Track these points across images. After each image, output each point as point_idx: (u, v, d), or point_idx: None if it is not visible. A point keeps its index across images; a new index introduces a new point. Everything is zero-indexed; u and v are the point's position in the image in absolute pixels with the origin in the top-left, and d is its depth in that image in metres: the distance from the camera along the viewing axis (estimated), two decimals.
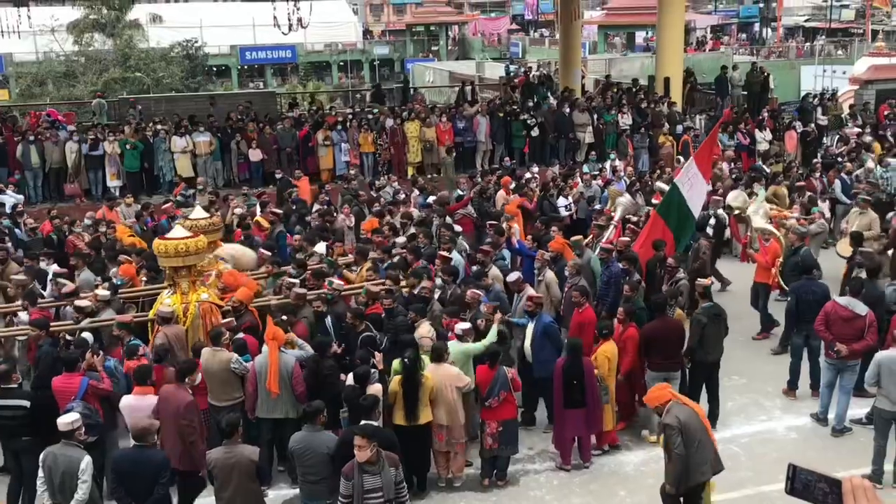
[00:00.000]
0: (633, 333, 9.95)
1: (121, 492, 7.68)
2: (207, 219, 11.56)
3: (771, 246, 12.97)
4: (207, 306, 10.36)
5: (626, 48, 55.66)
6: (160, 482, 7.56)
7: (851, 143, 20.79)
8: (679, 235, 12.51)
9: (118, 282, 11.73)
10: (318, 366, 9.31)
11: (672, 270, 11.56)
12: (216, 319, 10.30)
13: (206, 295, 10.48)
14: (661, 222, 12.42)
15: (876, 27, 54.90)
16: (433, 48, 66.04)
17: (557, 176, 18.14)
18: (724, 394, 10.67)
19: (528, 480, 9.65)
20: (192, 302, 10.32)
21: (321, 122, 21.42)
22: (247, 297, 10.60)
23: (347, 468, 7.15)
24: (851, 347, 9.85)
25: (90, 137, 19.52)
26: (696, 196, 12.62)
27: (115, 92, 35.38)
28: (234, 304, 10.50)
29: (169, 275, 10.69)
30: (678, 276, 11.47)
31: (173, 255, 10.27)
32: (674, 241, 12.31)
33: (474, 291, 10.66)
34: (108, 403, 9.02)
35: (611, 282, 11.56)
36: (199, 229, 11.00)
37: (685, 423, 7.52)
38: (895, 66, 28.64)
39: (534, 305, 10.35)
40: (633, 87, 25.86)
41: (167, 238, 10.52)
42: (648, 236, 12.40)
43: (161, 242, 10.45)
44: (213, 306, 10.43)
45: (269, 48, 55.62)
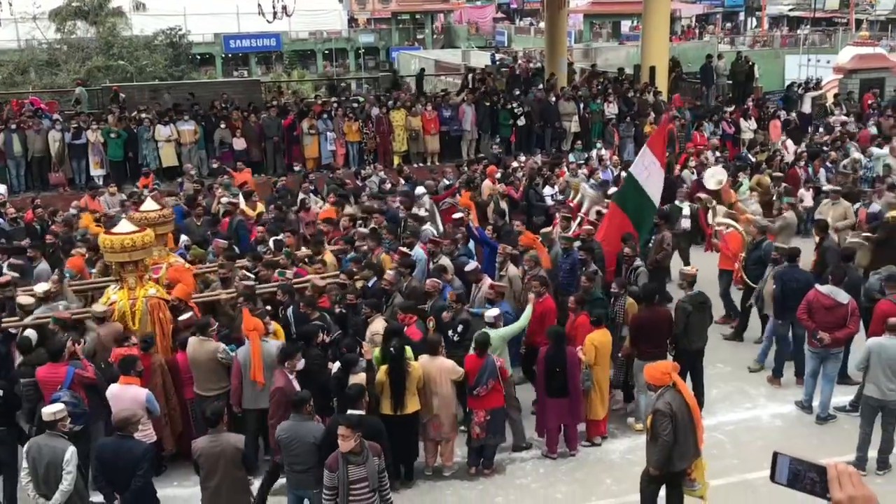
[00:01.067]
0: (583, 321, 9.91)
1: (102, 481, 7.67)
2: (158, 211, 11.25)
3: (731, 235, 12.89)
4: (156, 302, 10.09)
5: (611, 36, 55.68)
6: (138, 473, 7.52)
7: (836, 132, 20.89)
8: (639, 223, 12.44)
9: (67, 274, 11.60)
10: (304, 355, 9.28)
11: (630, 259, 11.58)
12: (165, 315, 10.09)
13: (153, 290, 10.22)
14: (620, 212, 12.36)
15: (860, 16, 55.09)
16: (419, 37, 65.89)
17: (543, 165, 18.15)
18: (708, 381, 10.73)
19: (514, 469, 9.68)
20: (140, 298, 10.06)
21: (306, 110, 21.34)
22: (184, 294, 10.33)
23: (331, 460, 7.13)
24: (834, 336, 9.92)
25: (73, 126, 19.39)
26: (654, 183, 12.50)
27: (97, 80, 35.08)
28: (174, 301, 10.23)
29: (115, 270, 10.38)
30: (636, 265, 11.51)
31: (119, 250, 9.93)
32: (634, 229, 12.25)
33: (434, 281, 10.67)
34: (94, 392, 8.97)
35: (573, 269, 11.57)
36: (149, 222, 10.80)
37: (676, 411, 7.56)
38: (879, 55, 28.73)
39: (495, 294, 10.35)
40: (619, 77, 25.87)
41: (113, 233, 10.20)
42: (608, 226, 12.37)
43: (107, 237, 10.13)
44: (162, 302, 10.17)
45: (253, 36, 55.33)
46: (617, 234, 12.09)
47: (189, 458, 8.17)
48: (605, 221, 12.72)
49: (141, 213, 11.20)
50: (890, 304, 10.00)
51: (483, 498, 9.10)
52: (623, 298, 10.45)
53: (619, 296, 10.51)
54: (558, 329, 9.62)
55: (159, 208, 11.39)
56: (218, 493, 7.71)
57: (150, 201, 11.63)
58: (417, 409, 9.10)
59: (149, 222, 10.80)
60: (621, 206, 12.40)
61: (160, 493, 8.16)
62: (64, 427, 7.70)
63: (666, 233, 13.14)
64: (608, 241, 12.14)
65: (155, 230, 10.79)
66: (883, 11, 60.01)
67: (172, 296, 10.30)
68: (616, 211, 12.44)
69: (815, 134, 21.92)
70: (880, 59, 28.13)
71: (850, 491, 2.17)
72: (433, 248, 12.07)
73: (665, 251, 13.02)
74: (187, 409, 9.75)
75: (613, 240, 12.08)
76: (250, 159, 20.36)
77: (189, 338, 9.60)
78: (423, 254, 12.16)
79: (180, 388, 9.67)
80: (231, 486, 7.71)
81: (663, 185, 12.98)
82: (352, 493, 7.05)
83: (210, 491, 7.73)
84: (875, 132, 20.92)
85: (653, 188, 12.46)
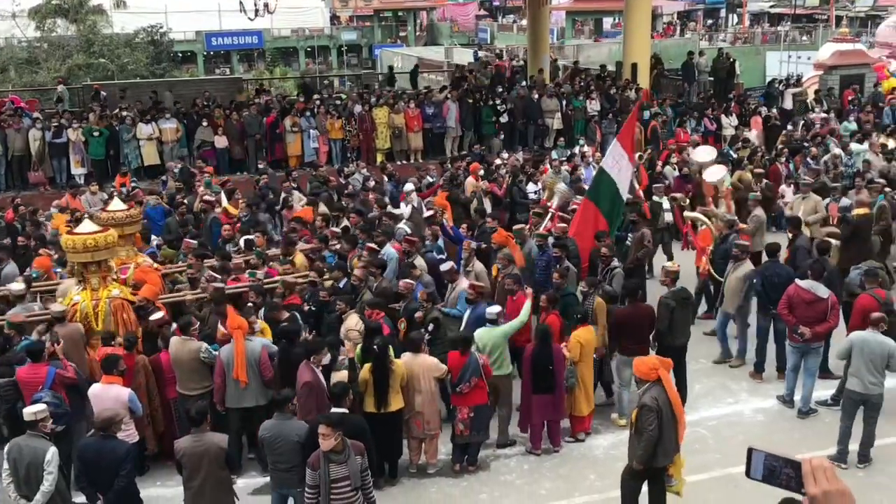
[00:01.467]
0: (553, 320, 9.91)
1: (84, 481, 7.64)
2: (125, 211, 11.12)
3: (703, 232, 12.90)
4: (119, 303, 9.99)
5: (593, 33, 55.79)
6: (121, 473, 7.49)
7: (816, 128, 21.01)
8: (611, 217, 12.43)
9: (34, 274, 11.50)
10: (286, 354, 9.27)
11: (607, 259, 11.54)
12: (129, 316, 9.98)
13: (117, 291, 10.11)
14: (593, 207, 12.32)
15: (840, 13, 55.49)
16: (401, 34, 65.79)
17: (526, 162, 18.17)
18: (691, 377, 10.79)
19: (498, 465, 9.70)
20: (103, 298, 9.95)
21: (289, 108, 21.28)
22: (151, 294, 10.23)
23: (313, 458, 7.12)
24: (815, 330, 9.99)
25: (54, 125, 19.25)
26: (623, 178, 12.49)
27: (78, 78, 34.86)
28: (140, 302, 10.13)
29: (78, 270, 10.29)
30: (613, 265, 11.48)
31: (82, 250, 9.83)
32: (607, 225, 12.26)
33: (407, 282, 10.64)
34: (76, 392, 8.92)
35: (548, 267, 11.52)
36: (116, 222, 10.72)
37: (662, 406, 7.61)
38: (859, 51, 28.89)
39: (475, 294, 10.32)
40: (601, 73, 25.93)
41: (75, 233, 10.11)
42: (581, 223, 12.34)
43: (69, 238, 10.03)
44: (125, 303, 10.06)
45: (235, 34, 55.05)
46: (590, 230, 12.10)
47: (172, 457, 8.14)
48: (577, 216, 12.65)
49: (108, 212, 11.09)
50: (870, 299, 10.10)
51: (468, 495, 9.11)
52: (592, 298, 10.42)
53: (588, 294, 10.49)
54: (546, 327, 9.64)
55: (126, 208, 11.26)
56: (201, 492, 7.68)
57: (116, 201, 11.51)
58: (401, 406, 9.10)
59: (116, 222, 10.71)
60: (594, 201, 12.35)
61: (143, 493, 8.14)
62: (45, 427, 7.65)
63: (646, 230, 13.15)
64: (581, 237, 12.13)
65: (122, 230, 10.72)
66: (863, 8, 60.41)
67: (138, 296, 10.19)
68: (589, 206, 12.38)
69: (796, 130, 22.04)
70: (860, 56, 28.29)
71: (825, 486, 2.19)
72: (408, 248, 11.98)
73: (646, 248, 13.05)
74: (170, 409, 9.71)
75: (586, 235, 12.08)
76: (232, 157, 20.30)
77: (171, 337, 9.57)
78: (394, 252, 12.11)
79: (164, 387, 9.63)
80: (214, 485, 7.69)
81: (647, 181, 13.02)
82: (333, 492, 7.05)
83: (193, 491, 7.70)
84: (855, 128, 21.08)
85: (622, 182, 12.45)
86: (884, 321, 9.26)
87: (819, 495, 2.18)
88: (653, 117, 21.50)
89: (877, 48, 31.79)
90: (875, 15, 56.28)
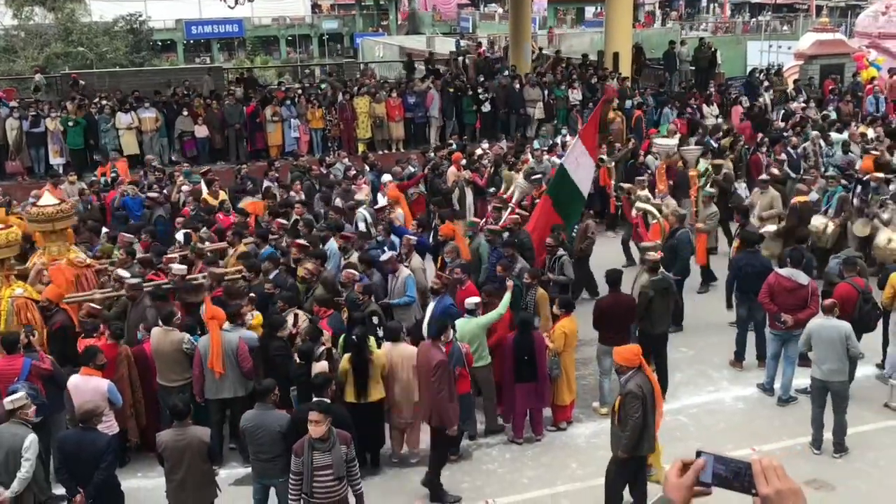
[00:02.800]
0: None
1: (64, 473, 7.60)
2: (56, 206, 10.90)
3: (654, 226, 12.79)
4: (23, 301, 9.81)
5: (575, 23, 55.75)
6: (101, 466, 7.46)
7: (796, 118, 21.09)
8: (568, 215, 12.42)
9: None
10: (265, 345, 9.23)
11: (552, 249, 11.58)
12: (33, 316, 9.78)
13: (20, 290, 9.94)
14: (551, 203, 12.27)
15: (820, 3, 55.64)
16: (383, 23, 65.47)
17: (508, 152, 18.15)
18: (672, 365, 10.84)
19: (480, 454, 9.72)
20: (6, 297, 9.80)
21: (269, 97, 21.16)
22: (55, 296, 9.96)
23: (298, 445, 7.14)
24: (797, 317, 10.05)
25: (31, 114, 19.05)
26: (584, 175, 12.47)
27: (56, 67, 34.50)
28: (43, 302, 9.90)
29: None
30: (559, 254, 11.52)
31: None
32: (562, 220, 12.24)
33: (349, 272, 10.59)
34: (53, 384, 8.85)
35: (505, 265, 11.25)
36: (46, 217, 10.57)
37: (646, 394, 7.65)
38: (839, 41, 29.01)
39: (440, 284, 10.26)
40: (583, 63, 25.92)
41: None
42: (539, 218, 12.33)
43: None
44: (30, 302, 9.86)
45: (215, 22, 54.61)
46: (548, 225, 12.07)
47: (153, 449, 8.10)
48: (536, 211, 12.66)
49: (38, 207, 10.90)
50: (849, 287, 10.18)
51: (450, 483, 9.11)
52: (534, 290, 10.46)
53: (530, 286, 10.51)
54: (526, 316, 9.65)
55: (57, 203, 11.03)
56: (183, 485, 7.67)
57: (47, 195, 11.29)
58: (382, 396, 9.10)
59: (46, 217, 10.57)
60: (552, 197, 12.30)
61: (124, 485, 8.12)
62: (25, 415, 7.63)
63: (590, 221, 13.20)
64: (539, 231, 12.10)
65: (54, 225, 10.57)
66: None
67: (42, 296, 9.96)
68: (547, 201, 12.35)
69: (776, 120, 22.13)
70: (840, 45, 28.41)
71: (777, 485, 2.19)
72: (344, 244, 11.86)
73: (590, 239, 13.07)
74: (156, 400, 9.65)
75: (544, 230, 12.04)
76: (213, 147, 20.17)
77: (153, 328, 9.51)
78: (335, 247, 11.98)
79: (148, 378, 9.57)
80: (197, 478, 7.68)
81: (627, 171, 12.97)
82: (316, 480, 7.05)
83: (175, 484, 7.69)
84: (834, 117, 21.22)
85: (583, 180, 12.40)
86: (836, 307, 9.37)
87: (772, 494, 2.18)
88: (638, 106, 21.55)
89: (856, 38, 31.89)
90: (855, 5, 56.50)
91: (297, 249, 11.53)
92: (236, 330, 9.31)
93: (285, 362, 9.11)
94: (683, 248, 12.26)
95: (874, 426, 9.94)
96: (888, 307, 10.48)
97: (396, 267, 10.99)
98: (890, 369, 10.59)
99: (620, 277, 10.37)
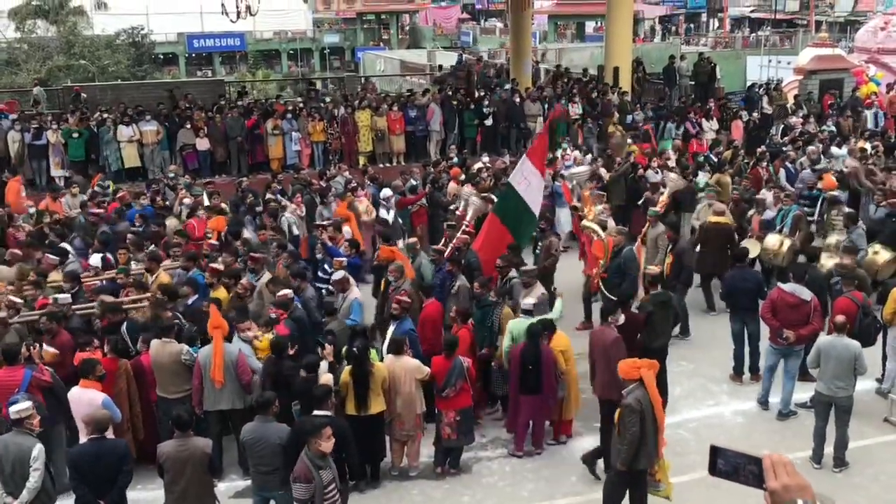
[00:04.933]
0: (464, 334, 9.82)
1: (83, 488, 7.51)
2: None
3: (597, 243, 12.57)
4: None
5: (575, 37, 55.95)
6: (124, 469, 7.52)
7: (795, 133, 21.17)
8: (518, 232, 12.23)
9: None
10: (277, 367, 9.17)
11: (504, 270, 11.42)
12: None
13: None
14: (498, 222, 12.15)
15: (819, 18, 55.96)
16: (384, 37, 65.75)
17: (510, 166, 18.17)
18: (672, 379, 10.83)
19: (480, 468, 9.71)
20: None
21: (270, 110, 21.22)
22: None
23: (303, 471, 7.05)
24: (798, 333, 10.07)
25: (33, 126, 19.11)
26: (534, 193, 12.33)
27: (59, 80, 34.62)
28: None
29: None
30: (511, 276, 11.39)
31: None
32: (513, 239, 12.06)
33: (285, 292, 10.49)
34: (53, 397, 8.85)
35: (443, 283, 11.24)
36: None
37: (644, 408, 7.67)
38: (838, 56, 29.14)
39: (399, 309, 10.11)
40: (583, 77, 26.01)
41: None
42: (487, 235, 12.22)
43: None
44: None
45: (217, 36, 54.93)
46: (495, 243, 11.96)
47: (153, 461, 8.10)
48: (483, 230, 12.49)
49: None
50: (849, 301, 10.20)
51: (450, 497, 9.12)
52: (500, 307, 10.41)
53: (497, 304, 10.46)
54: (536, 326, 9.64)
55: None
56: (184, 497, 7.67)
57: None
58: (382, 409, 9.10)
59: None
60: (500, 216, 12.17)
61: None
62: (31, 425, 7.63)
63: (553, 238, 13.11)
64: (485, 250, 11.97)
65: None
66: (842, 13, 60.94)
67: None
68: (494, 220, 12.23)
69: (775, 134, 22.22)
70: (839, 61, 28.54)
71: (785, 480, 2.24)
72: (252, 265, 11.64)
73: (553, 257, 12.99)
74: (152, 412, 9.66)
75: (491, 248, 11.92)
76: (214, 159, 20.22)
77: (152, 340, 9.52)
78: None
79: (145, 390, 9.57)
80: (197, 490, 7.68)
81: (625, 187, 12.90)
82: (325, 498, 7.06)
83: (175, 495, 7.68)
84: (833, 131, 21.34)
85: (532, 198, 12.27)
86: (848, 326, 9.39)
87: (779, 489, 2.23)
88: (646, 121, 21.66)
89: (856, 53, 32.05)
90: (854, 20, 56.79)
91: (209, 274, 11.33)
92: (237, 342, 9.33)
93: (295, 380, 9.00)
94: (630, 265, 12.17)
95: (874, 441, 9.94)
96: (889, 322, 10.50)
97: (346, 287, 10.92)
98: (889, 384, 10.62)
99: (630, 297, 10.35)
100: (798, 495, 2.24)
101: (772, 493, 2.25)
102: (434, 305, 10.54)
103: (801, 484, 2.24)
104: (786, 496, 2.24)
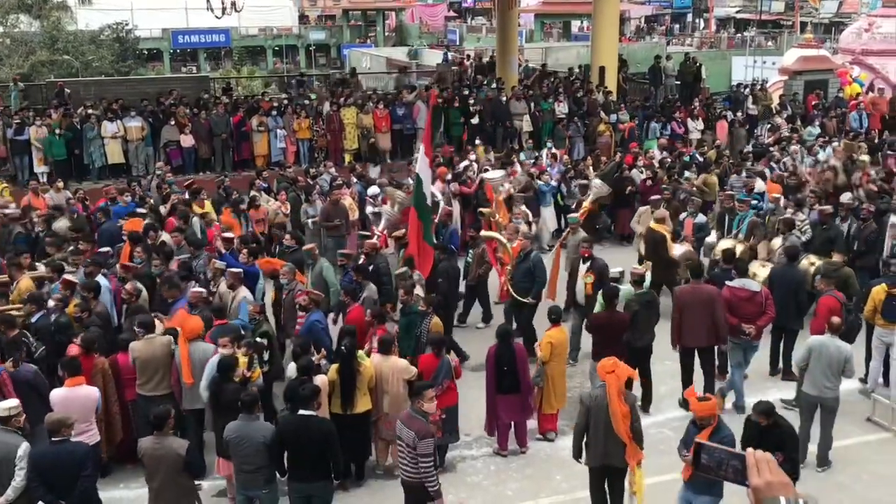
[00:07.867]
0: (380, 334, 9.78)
1: (41, 489, 7.36)
2: None
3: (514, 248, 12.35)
4: None
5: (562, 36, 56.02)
6: (84, 474, 7.38)
7: (780, 133, 21.27)
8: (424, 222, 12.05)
9: None
10: (219, 389, 8.74)
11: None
12: None
13: None
14: (416, 214, 12.02)
15: (805, 19, 56.13)
16: (370, 34, 65.57)
17: (496, 162, 18.19)
18: (656, 378, 10.86)
19: (465, 466, 9.71)
20: None
21: (256, 107, 21.13)
22: None
23: (425, 427, 7.51)
24: (758, 325, 10.36)
25: (15, 122, 18.95)
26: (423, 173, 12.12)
27: (42, 75, 34.36)
28: None
29: None
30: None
31: None
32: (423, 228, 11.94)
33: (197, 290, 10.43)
34: (35, 396, 8.73)
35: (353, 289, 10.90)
36: None
37: (597, 405, 7.86)
38: (822, 57, 29.32)
39: (308, 301, 10.22)
40: (569, 76, 26.07)
41: None
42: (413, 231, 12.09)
43: None
44: None
45: (202, 32, 54.49)
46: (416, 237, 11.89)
47: (134, 460, 8.05)
48: (410, 228, 12.29)
49: None
50: (833, 299, 10.25)
51: None
52: (429, 317, 10.32)
53: (425, 314, 10.35)
54: (506, 327, 9.68)
55: None
56: (160, 494, 7.67)
57: None
58: (368, 408, 9.08)
59: None
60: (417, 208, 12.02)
61: (106, 495, 8.11)
62: (18, 423, 7.56)
63: (485, 245, 12.96)
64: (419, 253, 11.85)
65: None
66: (827, 14, 61.24)
67: None
68: (412, 213, 12.14)
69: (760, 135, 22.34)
70: (824, 61, 28.71)
71: (768, 477, 2.26)
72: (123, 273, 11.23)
73: (487, 264, 12.93)
74: (128, 412, 9.50)
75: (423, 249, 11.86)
76: (199, 157, 20.11)
77: (132, 341, 9.35)
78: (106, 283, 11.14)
79: (121, 389, 9.42)
80: (173, 489, 7.66)
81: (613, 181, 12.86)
82: None
83: (154, 492, 7.71)
84: (818, 132, 21.48)
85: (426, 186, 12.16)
86: (842, 327, 9.45)
87: (762, 485, 2.24)
88: (630, 119, 21.72)
89: (840, 54, 32.23)
90: (839, 21, 57.14)
91: (62, 286, 10.57)
92: None
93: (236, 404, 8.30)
94: (539, 269, 12.08)
95: (857, 440, 10.02)
96: (869, 321, 10.58)
97: (237, 286, 10.83)
98: (872, 384, 10.68)
99: (617, 294, 10.37)
100: (781, 492, 2.25)
101: (755, 489, 2.26)
102: (357, 310, 10.41)
103: (784, 481, 2.26)
104: (768, 493, 2.25)
